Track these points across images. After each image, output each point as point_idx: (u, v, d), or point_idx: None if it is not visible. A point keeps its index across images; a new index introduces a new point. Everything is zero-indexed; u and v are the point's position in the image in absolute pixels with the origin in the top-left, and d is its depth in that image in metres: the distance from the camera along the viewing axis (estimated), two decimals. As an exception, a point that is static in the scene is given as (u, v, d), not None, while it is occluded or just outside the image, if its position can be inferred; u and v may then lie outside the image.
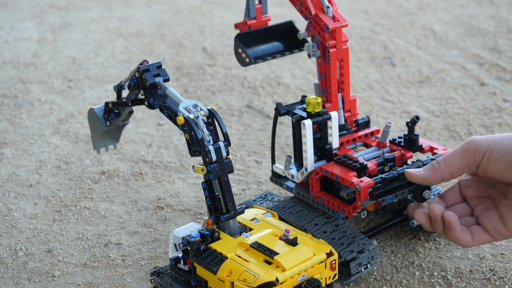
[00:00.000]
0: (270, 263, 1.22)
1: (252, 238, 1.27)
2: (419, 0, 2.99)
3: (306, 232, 1.43)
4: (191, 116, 1.28)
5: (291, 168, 1.53)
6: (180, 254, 1.33)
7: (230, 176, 1.79)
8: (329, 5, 1.45)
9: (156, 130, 2.07)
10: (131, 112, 1.55)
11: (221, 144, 1.28)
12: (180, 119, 1.27)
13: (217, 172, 1.28)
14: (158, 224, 1.65)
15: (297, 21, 2.80)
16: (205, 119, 1.30)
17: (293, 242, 1.25)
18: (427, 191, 1.38)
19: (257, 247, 1.24)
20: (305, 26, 1.48)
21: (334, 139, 1.49)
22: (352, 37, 2.64)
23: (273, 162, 1.58)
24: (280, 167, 1.55)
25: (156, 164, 1.89)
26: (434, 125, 2.01)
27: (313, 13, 1.45)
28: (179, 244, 1.32)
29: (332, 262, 1.26)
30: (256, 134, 2.02)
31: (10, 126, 2.11)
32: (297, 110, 1.49)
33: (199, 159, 1.90)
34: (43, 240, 1.60)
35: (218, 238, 1.30)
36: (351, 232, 1.43)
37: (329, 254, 1.26)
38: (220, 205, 1.31)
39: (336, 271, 1.28)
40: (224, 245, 1.27)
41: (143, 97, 1.39)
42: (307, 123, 1.44)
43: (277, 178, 1.59)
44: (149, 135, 2.04)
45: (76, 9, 3.10)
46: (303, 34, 1.48)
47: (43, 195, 1.77)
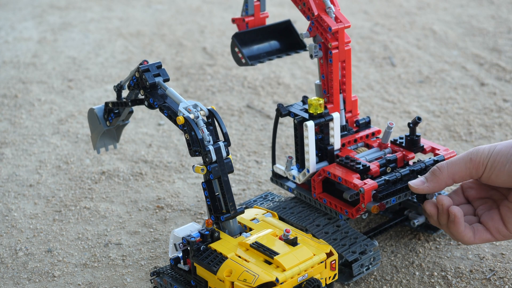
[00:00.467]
0: (270, 263, 1.22)
1: (252, 238, 1.27)
2: (419, 0, 2.99)
3: (307, 233, 1.43)
4: (191, 116, 1.28)
5: (292, 169, 1.53)
6: (180, 254, 1.33)
7: (230, 176, 1.79)
8: (332, 6, 1.45)
9: (156, 130, 2.07)
10: (131, 112, 1.55)
11: (221, 144, 1.28)
12: (180, 119, 1.27)
13: (217, 172, 1.28)
14: (158, 224, 1.65)
15: (297, 21, 2.80)
16: (205, 119, 1.30)
17: (293, 242, 1.25)
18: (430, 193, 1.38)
19: (257, 247, 1.24)
20: (307, 27, 1.48)
21: (336, 140, 1.48)
22: (352, 37, 2.64)
23: (274, 163, 1.58)
24: (281, 168, 1.55)
25: (156, 164, 1.89)
26: (434, 125, 2.01)
27: (316, 14, 1.45)
28: (179, 244, 1.32)
29: (332, 262, 1.26)
30: (256, 134, 2.02)
31: (10, 126, 2.11)
32: (299, 112, 1.48)
33: (199, 159, 1.90)
34: (43, 240, 1.60)
35: (218, 238, 1.30)
36: (353, 233, 1.43)
37: (329, 254, 1.26)
38: (220, 205, 1.31)
39: (336, 271, 1.28)
40: (224, 245, 1.27)
41: (143, 97, 1.39)
42: (310, 125, 1.43)
43: (278, 179, 1.59)
44: (149, 135, 2.04)
45: (76, 9, 3.10)
46: (305, 35, 1.48)
47: (43, 195, 1.77)
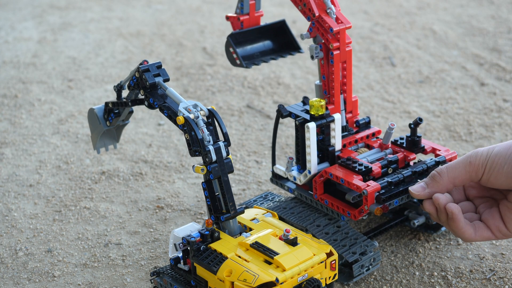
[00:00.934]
0: (270, 263, 1.22)
1: (252, 238, 1.27)
2: (419, 0, 2.99)
3: (308, 233, 1.42)
4: (191, 116, 1.28)
5: (293, 170, 1.53)
6: (180, 254, 1.33)
7: (230, 176, 1.79)
8: (332, 7, 1.45)
9: (156, 130, 2.07)
10: (131, 112, 1.55)
11: (221, 144, 1.28)
12: (180, 119, 1.27)
13: (217, 172, 1.28)
14: (158, 224, 1.65)
15: (297, 21, 2.80)
16: (205, 119, 1.30)
17: (293, 242, 1.25)
18: None
19: (257, 247, 1.24)
20: (308, 27, 1.47)
21: (337, 141, 1.48)
22: (352, 37, 2.64)
23: (274, 163, 1.58)
24: (281, 169, 1.55)
25: (156, 164, 1.89)
26: (434, 125, 2.01)
27: (317, 15, 1.44)
28: (179, 244, 1.32)
29: (332, 262, 1.26)
30: (256, 134, 2.02)
31: (10, 126, 2.11)
32: (300, 113, 1.48)
33: (199, 159, 1.90)
34: (43, 240, 1.60)
35: (218, 238, 1.30)
36: (353, 234, 1.43)
37: (329, 254, 1.26)
38: (220, 205, 1.31)
39: (336, 271, 1.28)
40: (224, 245, 1.27)
41: (143, 97, 1.39)
42: (311, 126, 1.43)
43: (278, 179, 1.58)
44: (149, 135, 2.04)
45: (76, 9, 3.10)
46: (306, 35, 1.47)
47: (43, 195, 1.77)
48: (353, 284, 1.43)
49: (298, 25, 2.77)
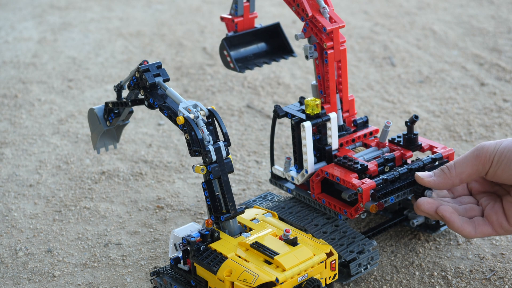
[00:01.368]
0: (270, 263, 1.22)
1: (252, 238, 1.27)
2: (419, 0, 2.99)
3: (306, 233, 1.43)
4: (191, 116, 1.28)
5: (291, 170, 1.53)
6: (180, 254, 1.33)
7: (230, 176, 1.79)
8: (326, 6, 1.45)
9: (156, 130, 2.07)
10: (131, 112, 1.55)
11: (221, 144, 1.28)
12: (180, 119, 1.27)
13: (217, 172, 1.28)
14: (158, 224, 1.65)
15: (297, 21, 2.80)
16: (205, 119, 1.30)
17: (293, 242, 1.25)
18: (429, 191, 1.38)
19: (257, 247, 1.24)
20: (302, 28, 1.48)
21: (334, 140, 1.49)
22: (352, 37, 2.64)
23: (272, 164, 1.58)
24: (280, 169, 1.55)
25: (156, 164, 1.89)
26: (434, 125, 2.01)
27: (310, 15, 1.45)
28: (179, 244, 1.32)
29: (332, 262, 1.26)
30: (256, 134, 2.02)
31: (10, 126, 2.11)
32: (296, 112, 1.48)
33: (199, 159, 1.90)
34: (43, 240, 1.60)
35: (218, 238, 1.30)
36: (351, 233, 1.43)
37: (329, 254, 1.26)
38: (220, 205, 1.31)
39: (336, 271, 1.28)
40: (224, 245, 1.27)
41: (143, 97, 1.39)
42: (307, 125, 1.44)
43: (277, 180, 1.59)
44: (149, 135, 2.04)
45: (76, 9, 3.10)
46: (300, 36, 1.48)
47: (43, 195, 1.77)
48: (353, 284, 1.43)
49: (298, 25, 2.78)
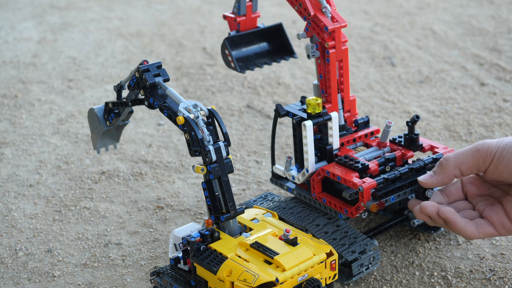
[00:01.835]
0: (270, 263, 1.22)
1: (252, 238, 1.27)
2: (419, 0, 2.99)
3: (307, 233, 1.43)
4: (191, 116, 1.28)
5: (292, 169, 1.53)
6: (180, 254, 1.33)
7: (230, 176, 1.79)
8: (328, 6, 1.45)
9: (156, 130, 2.07)
10: (131, 112, 1.55)
11: (221, 144, 1.28)
12: (180, 119, 1.27)
13: (217, 172, 1.28)
14: (158, 224, 1.65)
15: (297, 21, 2.80)
16: (205, 119, 1.30)
17: (293, 242, 1.25)
18: (430, 190, 1.38)
19: (257, 247, 1.24)
20: (304, 27, 1.48)
21: (335, 140, 1.49)
22: (352, 37, 2.64)
23: (273, 163, 1.58)
24: (281, 168, 1.55)
25: (156, 164, 1.89)
26: (434, 125, 2.01)
27: (312, 14, 1.45)
28: (179, 244, 1.32)
29: (332, 262, 1.26)
30: (256, 134, 2.02)
31: (10, 126, 2.11)
32: (297, 111, 1.49)
33: (199, 159, 1.90)
34: (43, 240, 1.60)
35: (218, 238, 1.30)
36: (353, 233, 1.43)
37: (329, 254, 1.26)
38: (220, 205, 1.31)
39: (336, 271, 1.28)
40: (224, 245, 1.27)
41: (143, 97, 1.39)
42: (308, 124, 1.44)
43: (277, 179, 1.59)
44: (149, 135, 2.04)
45: (76, 9, 3.10)
46: (302, 35, 1.48)
47: (43, 195, 1.77)
48: (353, 284, 1.43)
49: (298, 25, 2.78)
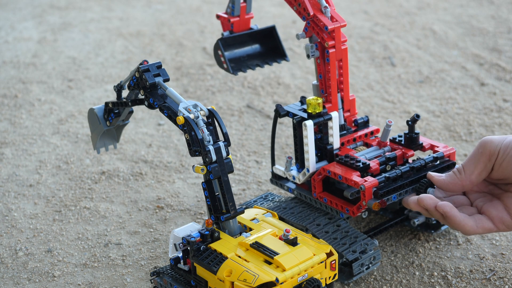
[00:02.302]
0: (270, 263, 1.22)
1: (252, 238, 1.27)
2: (419, 0, 2.99)
3: (308, 233, 1.43)
4: (191, 116, 1.28)
5: (292, 169, 1.53)
6: (180, 254, 1.33)
7: (230, 176, 1.79)
8: (327, 5, 1.45)
9: (156, 130, 2.07)
10: (131, 112, 1.55)
11: (221, 144, 1.28)
12: (180, 119, 1.27)
13: (217, 172, 1.28)
14: (158, 224, 1.65)
15: (297, 21, 2.80)
16: (205, 119, 1.30)
17: (293, 242, 1.25)
18: (431, 189, 1.38)
19: (257, 247, 1.24)
20: (303, 27, 1.48)
21: (335, 140, 1.49)
22: (352, 37, 2.64)
23: (273, 164, 1.58)
24: (281, 169, 1.55)
25: (156, 164, 1.89)
26: (434, 125, 2.01)
27: (311, 14, 1.45)
28: (179, 244, 1.32)
29: (332, 262, 1.26)
30: (256, 134, 2.02)
31: (10, 126, 2.11)
32: (298, 111, 1.49)
33: (199, 159, 1.90)
34: (43, 240, 1.60)
35: (218, 238, 1.30)
36: (353, 232, 1.43)
37: (329, 254, 1.26)
38: (220, 205, 1.31)
39: (336, 271, 1.28)
40: (224, 245, 1.27)
41: (143, 97, 1.39)
42: (309, 124, 1.44)
43: (278, 180, 1.59)
44: (149, 135, 2.04)
45: (76, 9, 3.10)
46: (301, 35, 1.48)
47: (43, 195, 1.77)
48: (353, 284, 1.43)
49: (298, 25, 2.78)
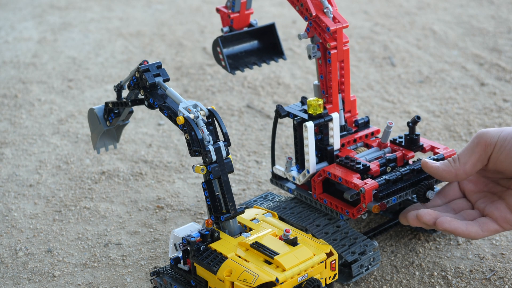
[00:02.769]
0: (270, 263, 1.22)
1: (252, 238, 1.27)
2: (419, 0, 2.99)
3: (308, 233, 1.42)
4: (191, 116, 1.28)
5: (292, 170, 1.53)
6: (180, 254, 1.33)
7: (230, 176, 1.79)
8: (329, 6, 1.45)
9: (156, 130, 2.07)
10: (131, 112, 1.55)
11: (221, 144, 1.28)
12: (180, 119, 1.27)
13: (217, 172, 1.28)
14: (158, 224, 1.65)
15: (297, 21, 2.80)
16: (205, 119, 1.30)
17: (293, 242, 1.25)
18: (430, 192, 1.38)
19: (257, 247, 1.24)
20: (305, 27, 1.48)
21: (336, 141, 1.48)
22: (352, 37, 2.64)
23: (273, 164, 1.58)
24: (281, 169, 1.55)
25: (156, 164, 1.89)
26: (434, 125, 2.01)
27: (314, 14, 1.45)
28: (179, 244, 1.32)
29: (332, 262, 1.26)
30: (256, 134, 2.02)
31: (10, 126, 2.11)
32: (298, 112, 1.48)
33: (199, 159, 1.90)
34: (43, 240, 1.60)
35: (218, 238, 1.30)
36: (353, 233, 1.43)
37: (329, 254, 1.26)
38: (220, 205, 1.31)
39: (336, 271, 1.28)
40: (224, 245, 1.27)
41: (143, 97, 1.39)
42: (309, 126, 1.43)
43: (277, 180, 1.59)
44: (149, 135, 2.04)
45: (76, 9, 3.10)
46: (303, 35, 1.48)
47: (43, 195, 1.77)
48: (353, 284, 1.43)
49: (298, 25, 2.78)
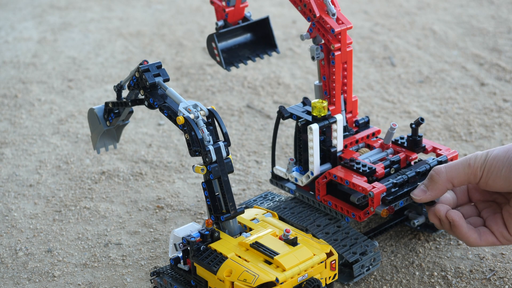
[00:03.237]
0: (270, 263, 1.22)
1: (252, 238, 1.27)
2: (419, 0, 2.99)
3: (308, 233, 1.42)
4: (191, 116, 1.28)
5: (293, 171, 1.52)
6: (180, 254, 1.33)
7: (230, 176, 1.79)
8: (333, 7, 1.45)
9: (156, 130, 2.07)
10: (131, 112, 1.55)
11: (221, 144, 1.28)
12: (180, 119, 1.27)
13: (217, 172, 1.28)
14: (158, 224, 1.65)
15: (297, 21, 2.80)
16: (205, 119, 1.30)
17: (293, 242, 1.25)
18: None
19: (257, 247, 1.24)
20: (308, 28, 1.47)
21: (339, 142, 1.47)
22: (352, 37, 2.63)
23: (273, 165, 1.57)
24: (282, 170, 1.54)
25: (156, 164, 1.89)
26: (434, 125, 2.01)
27: (318, 15, 1.44)
28: (179, 244, 1.32)
29: (332, 262, 1.26)
30: (256, 134, 2.02)
31: (10, 126, 2.11)
32: (302, 114, 1.47)
33: (199, 159, 1.90)
34: (43, 240, 1.60)
35: (218, 238, 1.30)
36: (354, 234, 1.43)
37: (329, 254, 1.26)
38: (220, 205, 1.31)
39: (336, 271, 1.28)
40: (224, 245, 1.27)
41: (143, 97, 1.39)
42: (314, 128, 1.42)
43: (278, 180, 1.58)
44: (149, 135, 2.04)
45: (76, 9, 3.10)
46: (305, 36, 1.47)
47: (43, 195, 1.77)
48: (353, 284, 1.43)
49: (298, 25, 2.78)
